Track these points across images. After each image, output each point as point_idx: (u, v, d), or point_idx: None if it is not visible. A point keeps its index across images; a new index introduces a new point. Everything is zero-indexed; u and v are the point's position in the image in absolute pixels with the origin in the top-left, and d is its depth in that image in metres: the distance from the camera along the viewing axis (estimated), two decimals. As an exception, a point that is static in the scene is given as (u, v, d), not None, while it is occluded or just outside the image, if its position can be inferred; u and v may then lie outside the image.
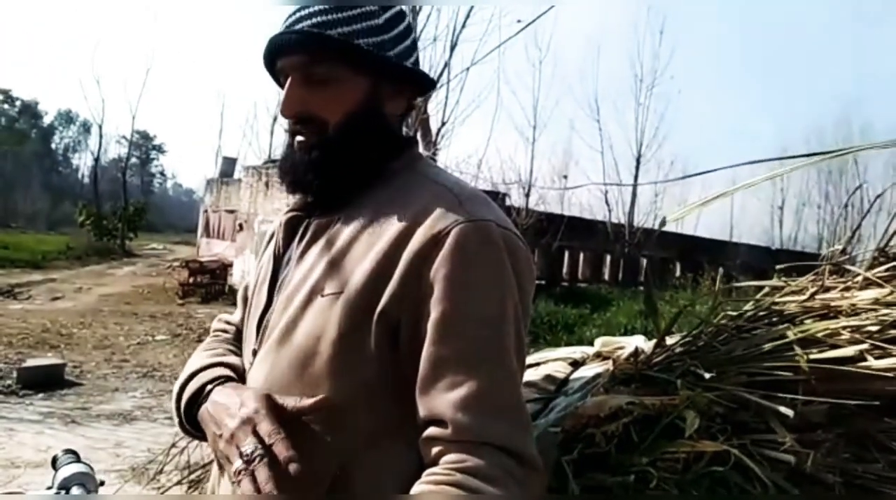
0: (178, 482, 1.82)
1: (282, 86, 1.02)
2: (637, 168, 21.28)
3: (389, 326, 0.89)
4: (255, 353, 1.01)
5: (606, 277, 20.02)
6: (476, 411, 0.83)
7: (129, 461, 4.43)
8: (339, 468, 0.88)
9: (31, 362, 6.70)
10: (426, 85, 1.07)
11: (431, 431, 0.85)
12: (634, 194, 20.15)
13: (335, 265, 0.94)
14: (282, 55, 0.99)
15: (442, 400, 0.84)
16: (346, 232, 0.96)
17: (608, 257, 20.17)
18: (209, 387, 0.99)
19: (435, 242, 0.88)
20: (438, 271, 0.87)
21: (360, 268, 0.91)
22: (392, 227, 0.92)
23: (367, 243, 0.93)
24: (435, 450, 0.84)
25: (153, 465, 2.19)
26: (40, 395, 6.00)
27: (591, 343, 1.53)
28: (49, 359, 7.16)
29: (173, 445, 1.94)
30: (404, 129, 1.11)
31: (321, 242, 0.98)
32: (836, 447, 1.03)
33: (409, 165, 1.02)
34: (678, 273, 19.44)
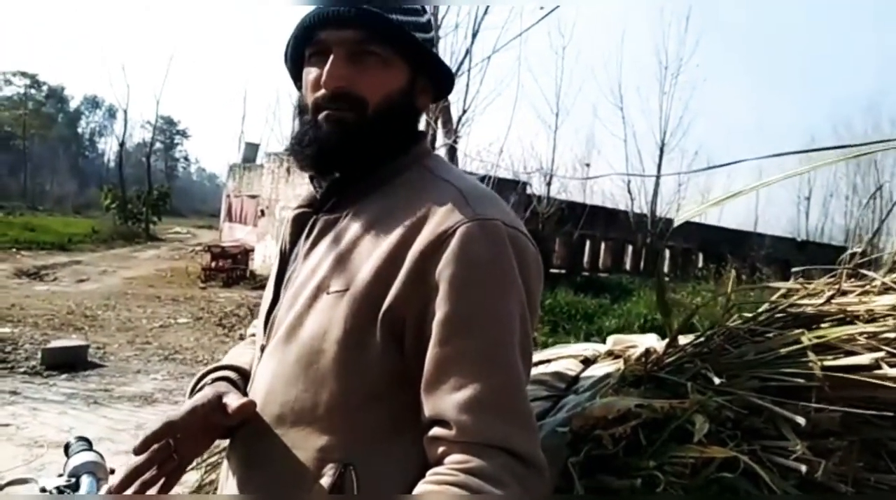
0: (195, 468, 1.84)
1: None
2: (660, 157, 21.06)
3: (395, 324, 0.88)
4: (262, 349, 1.01)
5: (628, 266, 19.92)
6: (480, 412, 0.82)
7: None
8: (343, 465, 0.88)
9: (55, 344, 6.83)
10: (447, 89, 1.09)
11: (436, 431, 0.85)
12: (657, 184, 19.94)
13: (341, 263, 0.94)
14: (330, 27, 0.96)
15: (446, 401, 0.84)
16: (352, 229, 0.96)
17: (630, 247, 20.05)
18: (202, 382, 1.06)
19: (440, 241, 0.87)
20: (444, 270, 0.86)
21: (366, 266, 0.91)
22: (398, 225, 0.91)
23: (373, 241, 0.92)
24: (439, 450, 0.84)
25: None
26: (64, 376, 6.11)
27: (610, 333, 1.51)
28: (73, 340, 7.28)
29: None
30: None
31: (328, 239, 0.98)
32: (849, 456, 1.01)
33: (416, 161, 1.02)
34: (700, 264, 19.28)
